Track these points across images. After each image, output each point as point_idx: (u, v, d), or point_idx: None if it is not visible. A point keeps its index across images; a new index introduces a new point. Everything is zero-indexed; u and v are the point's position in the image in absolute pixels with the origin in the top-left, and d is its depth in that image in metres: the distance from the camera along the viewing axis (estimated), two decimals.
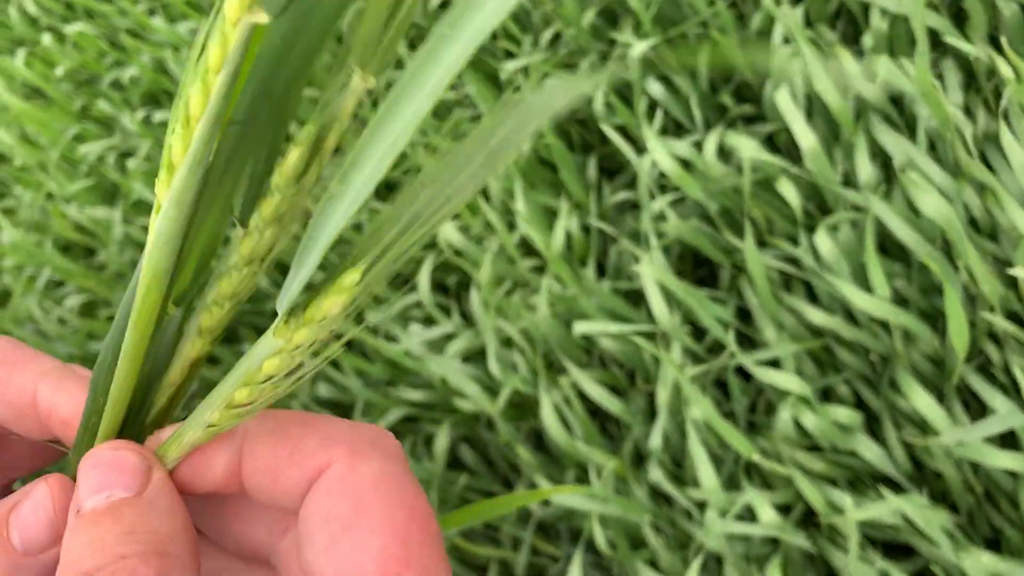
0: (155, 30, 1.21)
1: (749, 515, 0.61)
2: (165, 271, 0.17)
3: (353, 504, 0.17)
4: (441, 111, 0.89)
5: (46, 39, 1.38)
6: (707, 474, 0.58)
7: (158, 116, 1.18)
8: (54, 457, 0.23)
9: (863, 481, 0.64)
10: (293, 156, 0.17)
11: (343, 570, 0.17)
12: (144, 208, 1.15)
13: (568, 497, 0.66)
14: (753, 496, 0.58)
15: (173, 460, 0.19)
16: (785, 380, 0.57)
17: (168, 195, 0.16)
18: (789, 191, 0.62)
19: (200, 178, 0.16)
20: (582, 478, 0.71)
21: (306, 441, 0.18)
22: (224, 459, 0.18)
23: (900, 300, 0.66)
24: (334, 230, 0.16)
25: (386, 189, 0.95)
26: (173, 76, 1.19)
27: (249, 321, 0.95)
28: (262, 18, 0.14)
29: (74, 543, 0.17)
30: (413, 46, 0.99)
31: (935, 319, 0.65)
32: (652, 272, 0.62)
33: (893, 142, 0.59)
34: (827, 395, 0.68)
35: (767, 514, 0.58)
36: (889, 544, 0.67)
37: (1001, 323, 0.57)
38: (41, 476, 0.19)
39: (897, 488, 0.65)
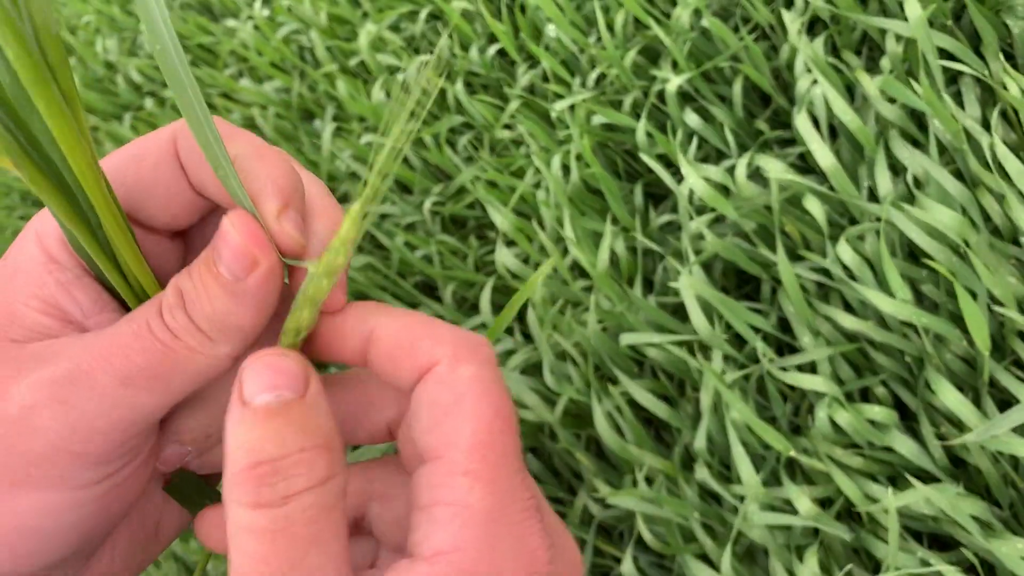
0: (243, 91, 1.33)
1: (791, 509, 0.66)
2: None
3: (452, 396, 0.21)
4: (499, 149, 0.97)
5: (148, 103, 1.53)
6: (746, 470, 0.63)
7: None
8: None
9: (903, 477, 0.68)
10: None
11: (441, 445, 0.21)
12: None
13: (623, 499, 0.71)
14: (792, 490, 0.63)
15: (290, 345, 0.22)
16: (812, 381, 0.61)
17: None
18: (815, 207, 0.67)
19: None
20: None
21: (421, 341, 0.22)
22: (356, 339, 0.23)
23: (930, 304, 0.69)
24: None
25: (452, 223, 1.03)
26: (261, 131, 1.31)
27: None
28: None
29: (250, 435, 0.20)
30: (472, 91, 1.08)
31: (965, 321, 0.68)
32: (691, 286, 0.67)
33: (909, 157, 0.64)
34: (866, 396, 0.72)
35: (805, 505, 0.62)
36: (932, 536, 0.70)
37: (1020, 321, 0.61)
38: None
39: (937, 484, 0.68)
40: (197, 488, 0.26)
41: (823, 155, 0.63)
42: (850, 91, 0.76)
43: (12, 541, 0.22)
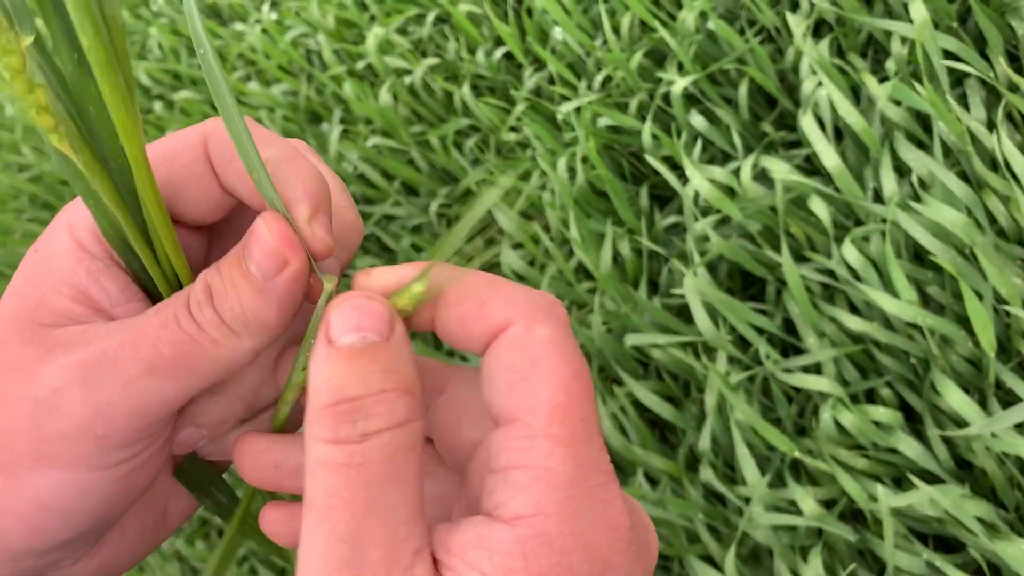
0: (251, 94, 1.34)
1: (795, 510, 0.66)
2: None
3: (529, 359, 0.21)
4: (505, 151, 0.97)
5: (157, 106, 1.54)
6: (751, 471, 0.63)
7: None
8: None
9: (907, 479, 0.68)
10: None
11: (518, 409, 0.20)
12: None
13: None
14: (796, 491, 0.63)
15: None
16: (817, 382, 0.61)
17: None
18: (820, 208, 0.67)
19: None
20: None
21: (492, 301, 0.21)
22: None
23: (936, 305, 0.69)
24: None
25: None
26: None
27: None
28: None
29: (333, 372, 0.20)
30: (478, 93, 1.08)
31: (971, 322, 0.68)
32: (695, 287, 0.68)
33: (914, 158, 0.64)
34: (871, 397, 0.72)
35: (809, 506, 0.62)
36: (938, 538, 0.70)
37: None
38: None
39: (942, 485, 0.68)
40: (205, 474, 0.27)
41: (828, 157, 0.63)
42: (855, 93, 0.76)
43: (31, 516, 0.23)
